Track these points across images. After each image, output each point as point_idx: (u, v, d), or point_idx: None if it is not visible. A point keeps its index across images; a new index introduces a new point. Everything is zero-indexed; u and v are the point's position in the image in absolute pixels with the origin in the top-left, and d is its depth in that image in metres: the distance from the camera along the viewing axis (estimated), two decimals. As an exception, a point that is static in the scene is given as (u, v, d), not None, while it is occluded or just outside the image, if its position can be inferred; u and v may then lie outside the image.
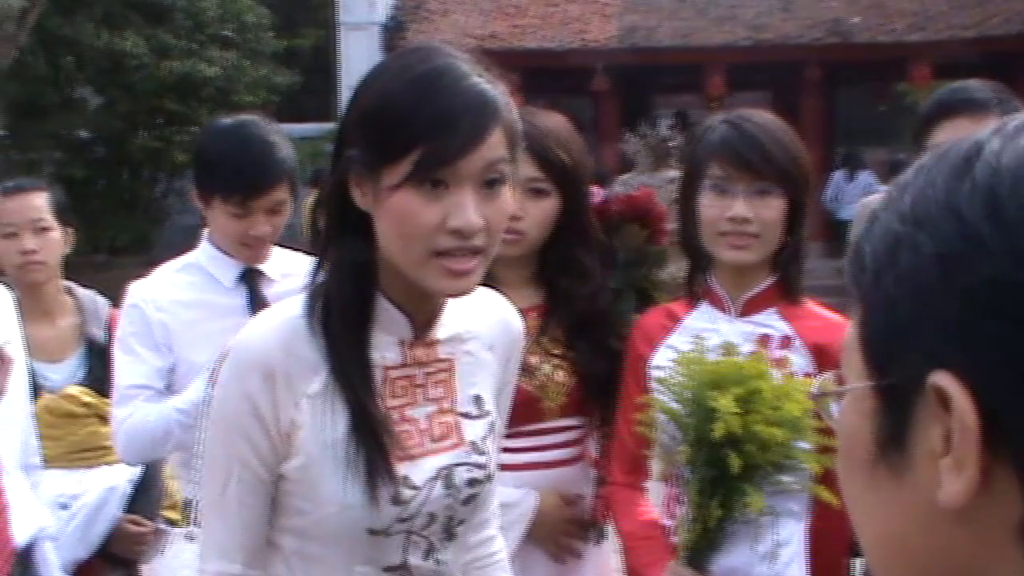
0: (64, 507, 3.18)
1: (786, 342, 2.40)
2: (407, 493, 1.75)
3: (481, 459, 1.84)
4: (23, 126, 15.42)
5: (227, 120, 2.94)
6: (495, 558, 2.04)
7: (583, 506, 2.69)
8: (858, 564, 2.70)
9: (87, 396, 3.27)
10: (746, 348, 2.35)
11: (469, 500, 1.84)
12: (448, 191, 1.63)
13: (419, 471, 1.77)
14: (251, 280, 2.87)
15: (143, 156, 16.93)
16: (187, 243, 2.99)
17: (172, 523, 3.45)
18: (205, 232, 2.93)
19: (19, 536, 2.63)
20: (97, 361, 3.31)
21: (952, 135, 2.55)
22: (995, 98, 2.58)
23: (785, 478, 2.23)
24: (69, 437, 3.24)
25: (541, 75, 18.70)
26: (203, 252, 2.91)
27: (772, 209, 2.34)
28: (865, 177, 16.48)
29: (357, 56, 18.44)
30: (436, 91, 1.64)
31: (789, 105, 16.37)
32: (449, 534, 1.85)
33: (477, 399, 1.87)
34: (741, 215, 2.33)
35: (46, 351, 3.30)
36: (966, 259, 0.68)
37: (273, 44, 17.46)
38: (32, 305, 3.29)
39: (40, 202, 3.33)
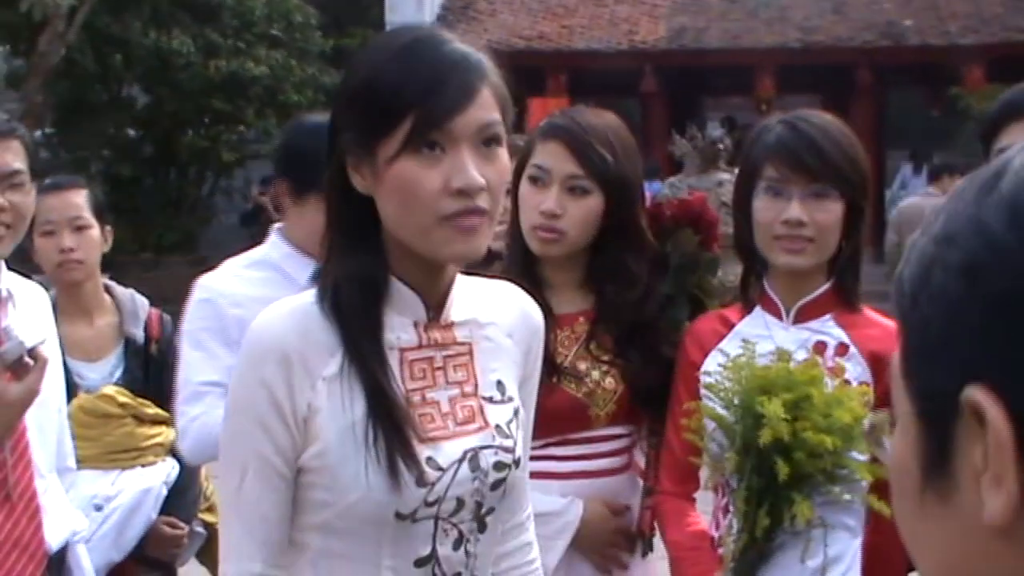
0: (98, 508, 3.15)
1: (842, 350, 2.33)
2: (432, 474, 1.71)
3: (508, 443, 1.80)
4: (71, 124, 15.55)
5: (323, 117, 2.91)
6: (533, 566, 2.00)
7: (630, 516, 2.62)
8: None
9: (123, 396, 3.23)
10: (801, 355, 2.30)
11: (497, 485, 1.79)
12: (445, 154, 1.64)
13: (444, 453, 1.73)
14: None
15: (190, 155, 17.05)
16: (233, 242, 2.94)
17: (208, 526, 3.42)
18: (275, 228, 2.87)
19: (53, 540, 2.59)
20: (135, 361, 3.28)
21: (1021, 137, 2.48)
22: None
23: (836, 489, 2.16)
24: (105, 438, 3.20)
25: (589, 76, 18.67)
26: (275, 248, 2.85)
27: (828, 212, 2.28)
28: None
29: (404, 56, 18.45)
30: (420, 57, 1.67)
31: (839, 108, 16.18)
32: (480, 524, 1.80)
33: (499, 384, 1.83)
34: (796, 218, 2.26)
35: (84, 350, 3.26)
36: (990, 269, 0.69)
37: (321, 43, 17.50)
38: (70, 304, 3.26)
39: (79, 200, 3.29)
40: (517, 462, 1.82)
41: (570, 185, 2.47)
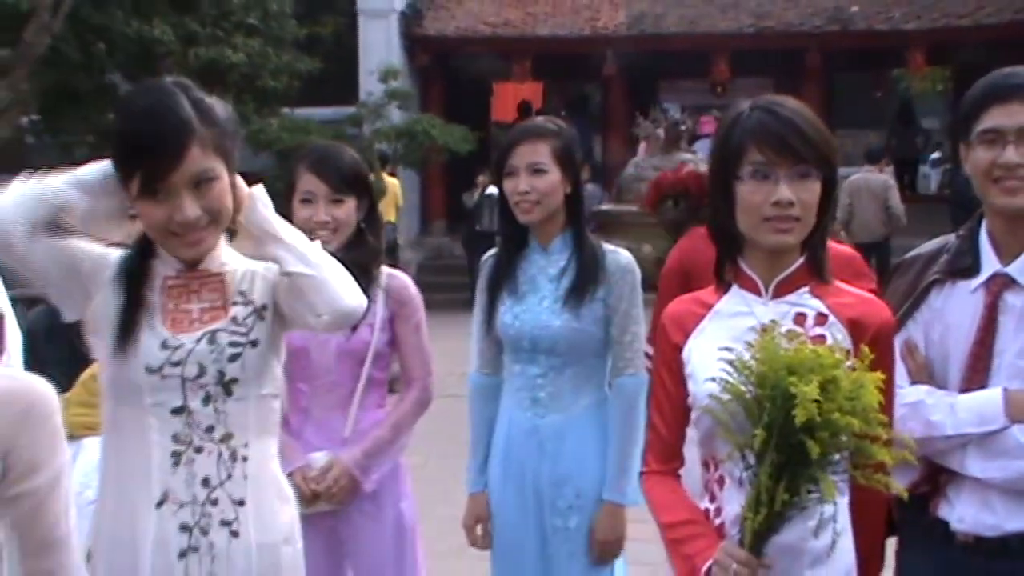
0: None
1: (822, 319, 2.32)
2: (174, 341, 2.35)
3: (241, 329, 2.40)
4: (57, 111, 15.34)
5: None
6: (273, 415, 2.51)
7: None
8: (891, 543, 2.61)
9: None
10: (783, 327, 2.27)
11: (234, 358, 2.37)
12: (169, 197, 2.26)
13: (188, 334, 2.37)
14: None
15: (172, 140, 16.79)
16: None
17: None
18: None
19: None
20: None
21: (1004, 120, 2.47)
22: None
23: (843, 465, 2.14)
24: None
25: (553, 61, 18.62)
26: None
27: (811, 192, 2.27)
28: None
29: (375, 42, 18.34)
30: (139, 129, 2.25)
31: (790, 90, 16.23)
32: (226, 389, 2.36)
33: (243, 293, 2.44)
34: (787, 198, 2.24)
35: None
36: None
37: (295, 31, 17.32)
38: None
39: None
40: (253, 343, 2.39)
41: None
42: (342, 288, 2.39)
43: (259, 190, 2.42)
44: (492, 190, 14.96)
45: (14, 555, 1.77)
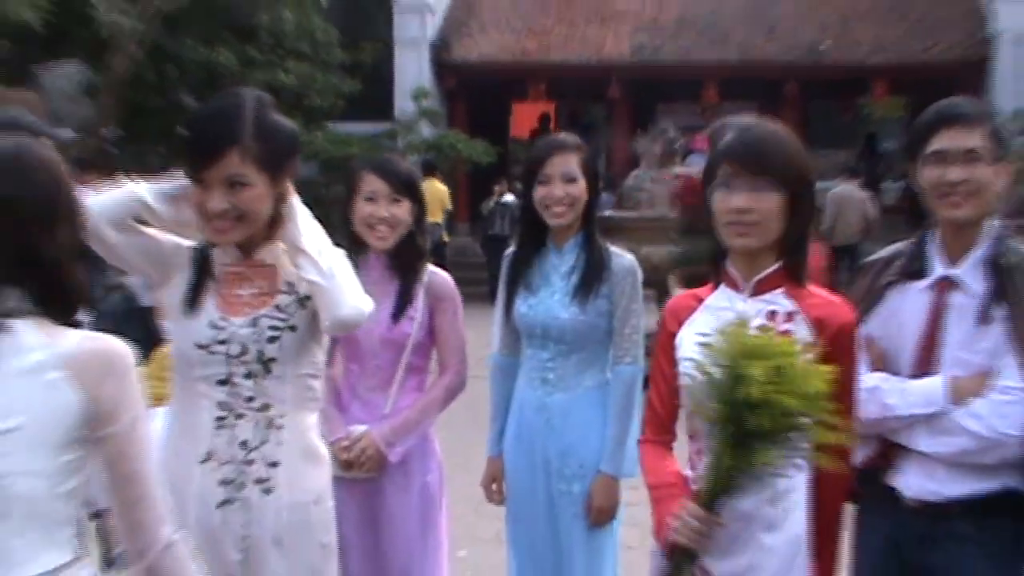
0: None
1: (790, 317, 2.33)
2: (221, 323, 2.42)
3: (282, 315, 2.44)
4: (134, 125, 15.38)
5: None
6: (311, 392, 2.54)
7: None
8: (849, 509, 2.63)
9: None
10: (756, 322, 2.29)
11: (273, 340, 2.42)
12: (206, 187, 2.33)
13: (237, 316, 2.43)
14: None
15: (233, 150, 16.80)
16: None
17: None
18: None
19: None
20: None
21: (948, 142, 2.50)
22: (983, 112, 2.51)
23: (801, 444, 2.15)
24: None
25: (564, 84, 18.61)
26: None
27: (768, 201, 2.27)
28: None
29: (409, 67, 18.38)
30: (194, 127, 2.36)
31: (771, 114, 16.09)
32: (265, 367, 2.41)
33: (290, 284, 2.47)
34: (739, 207, 2.28)
35: None
36: None
37: (339, 56, 17.34)
38: None
39: None
40: (292, 328, 2.44)
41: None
42: (346, 299, 2.39)
43: (295, 208, 2.44)
44: (506, 198, 14.97)
45: (107, 487, 1.81)
